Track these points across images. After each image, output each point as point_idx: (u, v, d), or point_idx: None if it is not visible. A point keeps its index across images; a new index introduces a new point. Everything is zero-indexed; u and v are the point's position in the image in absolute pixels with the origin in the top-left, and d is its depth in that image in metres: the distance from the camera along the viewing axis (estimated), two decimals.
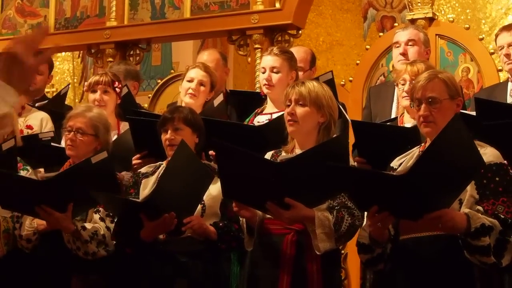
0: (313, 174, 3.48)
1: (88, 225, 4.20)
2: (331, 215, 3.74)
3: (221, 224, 4.09)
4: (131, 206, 3.97)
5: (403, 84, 4.48)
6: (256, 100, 4.96)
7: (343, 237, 3.76)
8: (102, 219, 4.24)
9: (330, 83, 4.66)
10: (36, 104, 5.79)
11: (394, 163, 3.66)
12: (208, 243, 4.05)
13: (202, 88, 4.99)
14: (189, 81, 5.01)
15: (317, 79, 4.80)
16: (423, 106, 3.51)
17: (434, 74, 3.58)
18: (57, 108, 5.58)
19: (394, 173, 3.25)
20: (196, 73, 5.02)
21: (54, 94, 6.73)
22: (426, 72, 3.67)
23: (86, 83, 5.25)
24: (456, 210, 3.33)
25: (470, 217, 3.27)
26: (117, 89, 5.07)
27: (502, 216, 3.30)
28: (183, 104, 4.92)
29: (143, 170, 4.32)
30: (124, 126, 4.99)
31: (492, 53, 6.48)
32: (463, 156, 3.13)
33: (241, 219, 3.98)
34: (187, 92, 4.97)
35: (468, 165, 3.18)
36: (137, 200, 3.99)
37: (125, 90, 5.35)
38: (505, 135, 3.20)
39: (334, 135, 3.90)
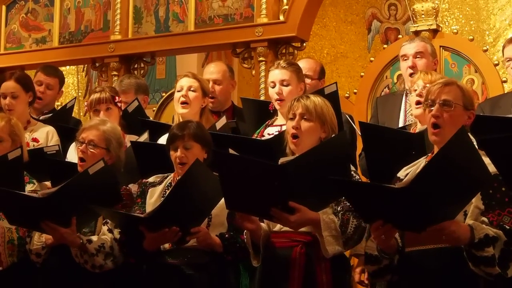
0: (316, 174, 3.46)
1: (94, 238, 4.19)
2: (336, 217, 3.73)
3: (227, 236, 4.08)
4: (133, 221, 3.97)
5: (415, 90, 4.44)
6: (267, 109, 4.95)
7: (350, 239, 3.74)
8: (110, 230, 4.23)
9: (334, 95, 4.67)
10: (41, 117, 5.80)
11: (401, 174, 3.64)
12: (214, 255, 4.05)
13: (192, 94, 4.97)
14: (179, 90, 5.00)
15: (322, 90, 4.81)
16: (435, 106, 3.51)
17: (453, 81, 3.60)
18: (62, 121, 5.59)
19: (395, 185, 3.23)
20: (184, 81, 5.02)
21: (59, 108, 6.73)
22: (443, 79, 3.69)
23: (86, 102, 5.24)
24: (461, 221, 3.31)
25: (473, 228, 3.25)
26: (118, 103, 5.07)
27: (507, 227, 3.28)
28: (180, 117, 4.91)
29: (151, 179, 4.31)
30: (129, 138, 4.99)
31: (496, 64, 6.49)
32: (469, 169, 3.11)
33: (244, 235, 3.95)
34: (179, 101, 4.95)
35: (474, 178, 3.16)
36: (140, 215, 3.97)
37: (135, 104, 5.36)
38: (500, 150, 3.16)
39: (333, 135, 3.90)
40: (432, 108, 3.52)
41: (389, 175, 3.69)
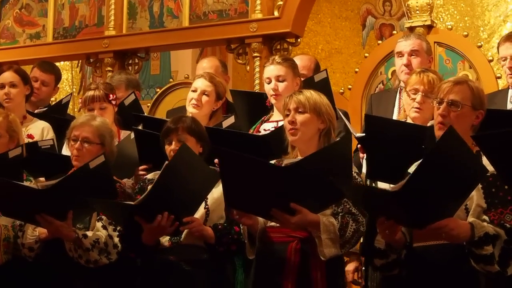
0: (319, 178, 3.46)
1: (89, 233, 4.18)
2: (336, 220, 3.73)
3: (220, 227, 4.09)
4: (125, 209, 3.95)
5: (414, 94, 4.39)
6: (261, 101, 4.93)
7: (348, 242, 3.75)
8: (104, 227, 4.22)
9: (325, 81, 4.69)
10: (36, 111, 5.79)
11: (411, 170, 3.63)
12: (213, 252, 4.05)
13: (205, 98, 4.97)
14: (193, 91, 5.01)
15: (311, 78, 4.82)
16: (443, 105, 3.53)
17: (464, 80, 3.61)
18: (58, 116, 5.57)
19: (390, 188, 3.25)
20: (200, 83, 5.01)
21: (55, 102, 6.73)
22: (455, 77, 3.69)
23: (80, 100, 5.23)
24: (463, 219, 3.32)
25: (474, 226, 3.27)
26: (112, 101, 5.06)
27: (508, 226, 3.29)
28: (189, 114, 4.91)
29: (149, 176, 4.33)
30: (125, 134, 4.99)
31: (490, 60, 6.48)
32: (462, 166, 3.12)
33: (242, 227, 3.96)
34: (191, 102, 4.97)
35: (469, 174, 3.17)
36: (130, 203, 3.95)
37: (132, 97, 5.36)
38: (493, 146, 3.17)
39: (338, 139, 3.91)
40: (440, 106, 3.53)
41: (395, 171, 3.69)
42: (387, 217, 3.27)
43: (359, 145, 4.51)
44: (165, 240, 4.07)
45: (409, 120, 4.42)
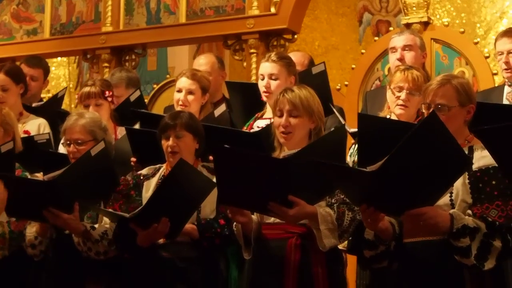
0: (316, 167, 3.46)
1: (96, 226, 4.19)
2: (332, 210, 3.72)
3: (203, 221, 4.09)
4: (118, 218, 3.98)
5: (398, 91, 4.39)
6: (257, 92, 4.93)
7: (346, 232, 3.73)
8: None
9: (322, 74, 4.67)
10: (33, 104, 5.79)
11: None
12: (200, 248, 4.06)
13: (191, 97, 4.93)
14: (178, 91, 4.99)
15: (309, 71, 4.80)
16: (431, 111, 3.52)
17: (447, 80, 3.56)
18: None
19: (367, 169, 3.20)
20: (183, 83, 4.96)
21: (51, 96, 6.73)
22: (440, 76, 3.66)
23: (76, 96, 5.23)
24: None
25: (454, 217, 3.28)
26: (108, 98, 5.06)
27: (490, 219, 3.29)
28: None
29: (144, 172, 4.31)
30: (122, 130, 4.99)
31: (487, 57, 6.50)
32: (443, 153, 3.09)
33: (235, 227, 3.94)
34: (178, 103, 4.96)
35: (452, 163, 3.14)
36: (125, 215, 3.95)
37: (137, 94, 5.36)
38: (498, 139, 3.17)
39: (334, 127, 3.90)
40: (428, 111, 3.53)
41: None
42: (367, 204, 3.26)
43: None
44: None
45: (393, 117, 4.43)
